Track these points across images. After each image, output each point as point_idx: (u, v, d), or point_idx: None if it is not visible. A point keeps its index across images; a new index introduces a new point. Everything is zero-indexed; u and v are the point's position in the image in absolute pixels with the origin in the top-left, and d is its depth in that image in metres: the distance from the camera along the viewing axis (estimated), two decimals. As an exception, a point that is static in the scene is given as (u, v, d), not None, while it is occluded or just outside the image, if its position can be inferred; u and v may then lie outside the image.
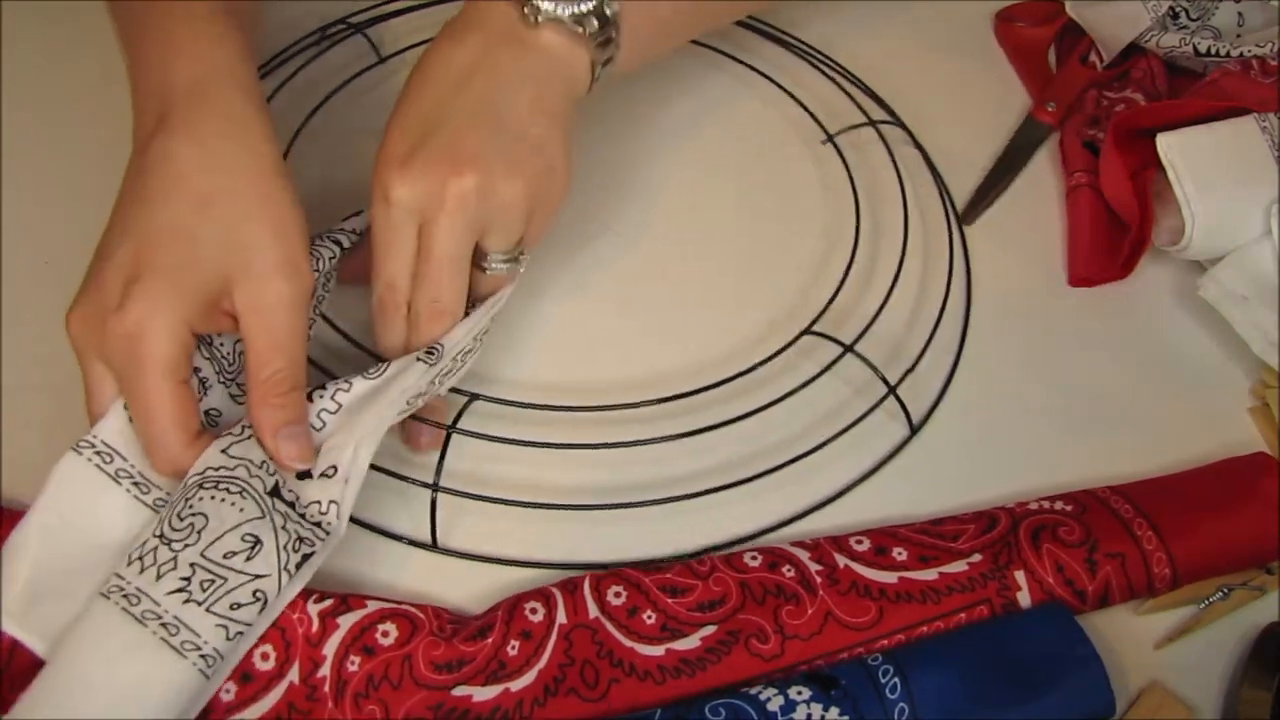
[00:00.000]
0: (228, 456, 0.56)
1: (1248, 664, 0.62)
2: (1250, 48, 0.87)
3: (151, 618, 0.52)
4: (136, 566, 0.53)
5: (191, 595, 0.53)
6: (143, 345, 0.54)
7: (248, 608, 0.54)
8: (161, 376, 0.54)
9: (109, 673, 0.51)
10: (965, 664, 0.58)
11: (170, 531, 0.54)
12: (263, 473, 0.56)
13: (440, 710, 0.56)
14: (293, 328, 0.57)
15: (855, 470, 0.70)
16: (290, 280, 0.57)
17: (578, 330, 0.76)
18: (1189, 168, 0.76)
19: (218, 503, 0.55)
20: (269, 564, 0.55)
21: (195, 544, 0.54)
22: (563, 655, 0.58)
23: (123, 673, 0.51)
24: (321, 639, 0.57)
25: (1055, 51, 0.99)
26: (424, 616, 0.59)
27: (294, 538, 0.56)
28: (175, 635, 0.52)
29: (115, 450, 0.57)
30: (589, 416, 0.69)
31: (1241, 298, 0.75)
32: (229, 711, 0.55)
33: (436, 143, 0.60)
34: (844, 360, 0.71)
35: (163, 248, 0.55)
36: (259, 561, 0.54)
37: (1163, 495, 0.66)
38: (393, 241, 0.61)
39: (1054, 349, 0.78)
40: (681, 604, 0.60)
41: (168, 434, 0.55)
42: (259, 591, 0.54)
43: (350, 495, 0.58)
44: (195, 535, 0.54)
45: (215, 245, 0.56)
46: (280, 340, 0.57)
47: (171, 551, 0.53)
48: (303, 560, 0.56)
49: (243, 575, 0.54)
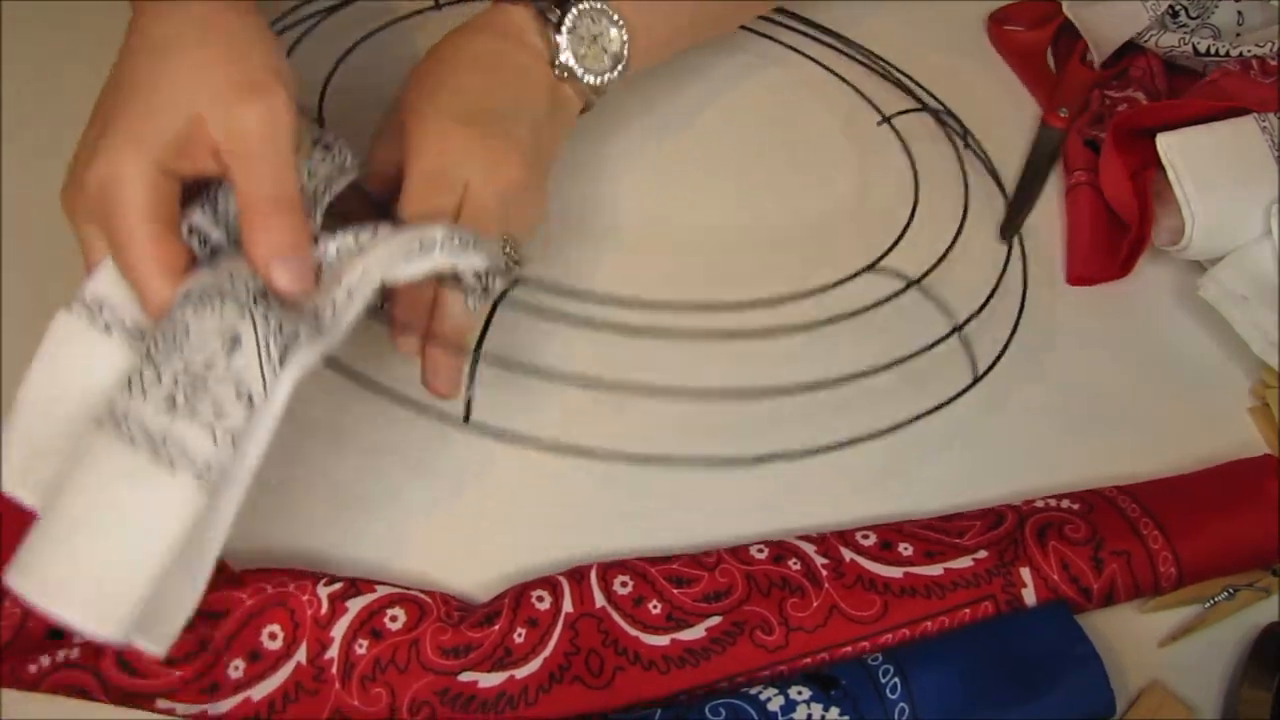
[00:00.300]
0: (212, 271, 0.54)
1: (1248, 664, 0.63)
2: (1250, 47, 0.87)
3: (141, 438, 0.49)
4: (126, 393, 0.50)
5: (176, 407, 0.49)
6: (113, 191, 0.52)
7: (232, 406, 0.50)
8: (138, 219, 0.53)
9: (106, 500, 0.49)
10: (965, 664, 0.58)
11: (154, 351, 0.51)
12: (249, 278, 0.53)
13: (446, 695, 0.56)
14: (266, 148, 0.54)
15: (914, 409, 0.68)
16: (253, 101, 0.54)
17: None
18: (1189, 168, 0.76)
19: (200, 315, 0.51)
20: (249, 357, 0.51)
21: (177, 357, 0.51)
22: (568, 644, 0.58)
23: (120, 498, 0.49)
24: (330, 621, 0.57)
25: (1053, 53, 0.98)
26: (432, 602, 0.59)
27: (275, 328, 0.52)
28: (164, 451, 0.49)
29: (104, 302, 0.54)
30: (641, 319, 0.63)
31: (1241, 298, 0.76)
32: (236, 689, 0.55)
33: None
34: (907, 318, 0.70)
35: (124, 100, 0.54)
36: (238, 357, 0.50)
37: (1169, 495, 0.66)
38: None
39: (1053, 348, 0.78)
40: (687, 594, 0.60)
41: (151, 276, 0.53)
42: (241, 387, 0.50)
43: (353, 307, 0.54)
44: (177, 349, 0.51)
45: (173, 85, 0.54)
46: (254, 163, 0.54)
47: (155, 369, 0.50)
48: (286, 350, 0.52)
49: (223, 375, 0.50)
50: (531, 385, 0.60)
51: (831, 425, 0.64)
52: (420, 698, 0.56)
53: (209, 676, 0.55)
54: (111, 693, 0.55)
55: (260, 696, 0.55)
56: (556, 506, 0.66)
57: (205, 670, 0.55)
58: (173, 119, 0.53)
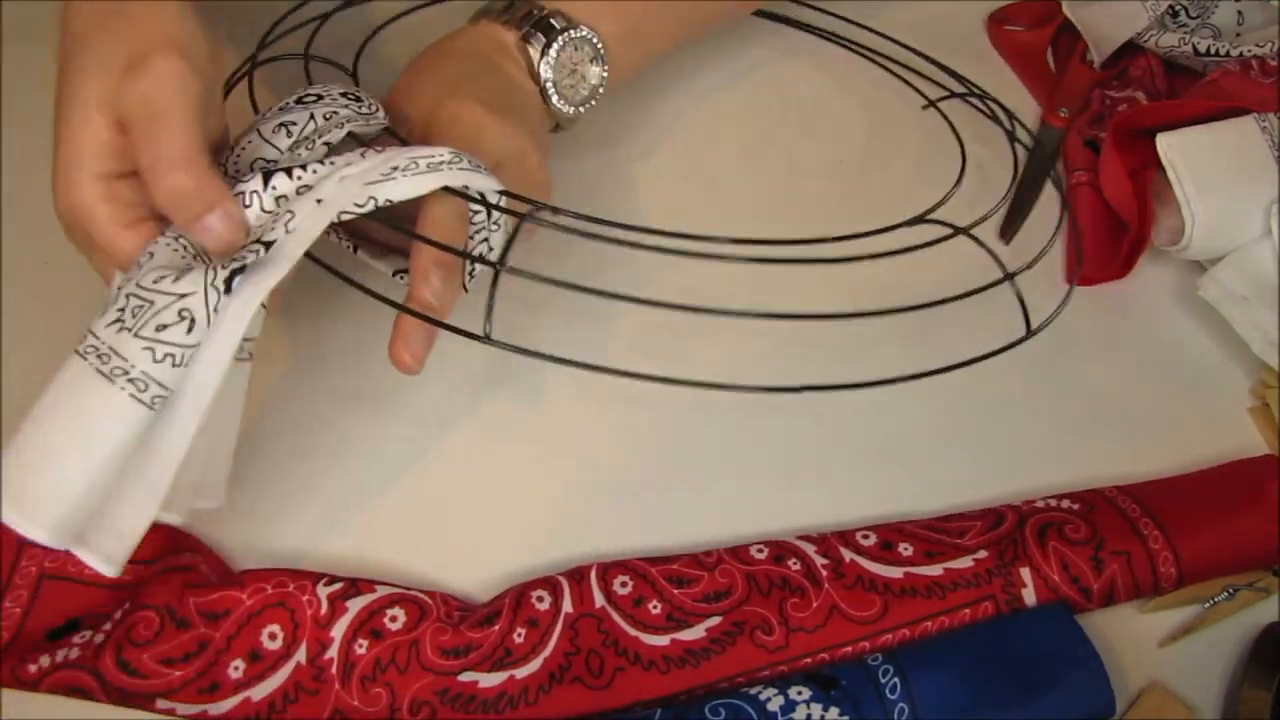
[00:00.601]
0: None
1: (1248, 664, 0.63)
2: (1250, 47, 0.87)
3: (91, 351, 0.51)
4: (97, 316, 0.52)
5: (123, 323, 0.51)
6: (80, 218, 0.55)
7: (173, 328, 0.51)
8: (107, 238, 0.55)
9: (50, 404, 0.51)
10: (965, 664, 0.58)
11: (122, 279, 0.53)
12: None
13: (446, 695, 0.56)
14: (148, 121, 0.53)
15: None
16: (133, 80, 0.53)
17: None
18: (1189, 168, 0.76)
19: (164, 245, 0.54)
20: (195, 282, 0.52)
21: (134, 278, 0.52)
22: (568, 644, 0.59)
23: (61, 404, 0.51)
24: (330, 621, 0.57)
25: (1053, 53, 0.98)
26: (432, 602, 0.59)
27: (225, 258, 0.54)
28: (107, 363, 0.51)
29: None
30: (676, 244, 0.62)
31: (1241, 298, 0.75)
32: (236, 689, 0.56)
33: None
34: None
35: (60, 121, 0.55)
36: (185, 281, 0.52)
37: (1170, 495, 0.66)
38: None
39: (1053, 348, 0.78)
40: (687, 595, 0.60)
41: (107, 237, 0.55)
42: (184, 310, 0.51)
43: (306, 227, 0.54)
44: (138, 270, 0.53)
45: (84, 94, 0.54)
46: (140, 136, 0.54)
47: (117, 290, 0.53)
48: (233, 274, 0.52)
49: (168, 296, 0.51)
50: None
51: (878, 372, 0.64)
52: (420, 698, 0.56)
53: (209, 676, 0.56)
54: (111, 693, 0.55)
55: (260, 696, 0.56)
56: (556, 506, 0.66)
57: (205, 670, 0.56)
58: (96, 130, 0.54)
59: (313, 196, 0.55)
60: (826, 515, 0.67)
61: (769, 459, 0.69)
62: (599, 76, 0.72)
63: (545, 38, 0.69)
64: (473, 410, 0.69)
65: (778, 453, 0.70)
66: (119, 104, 0.53)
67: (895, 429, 0.72)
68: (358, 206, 0.54)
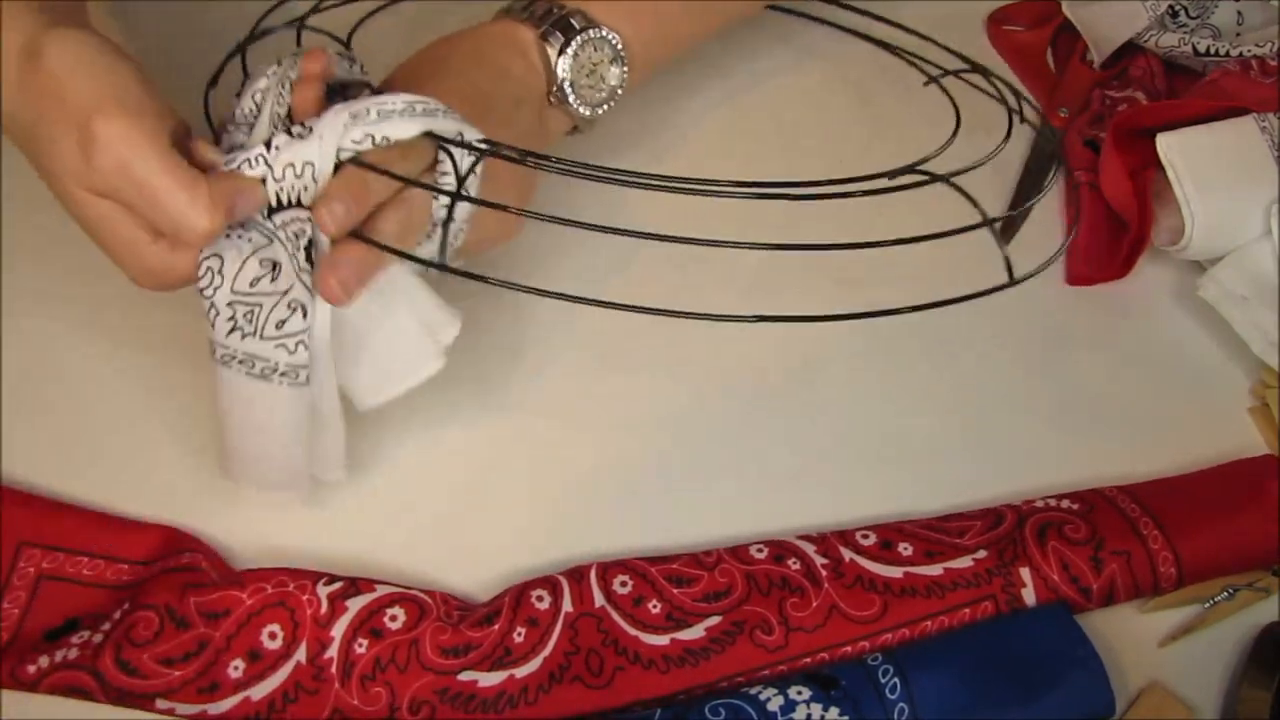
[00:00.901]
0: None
1: (1247, 664, 0.63)
2: (1250, 47, 0.87)
3: (231, 359, 0.55)
4: (208, 325, 0.55)
5: (243, 329, 0.54)
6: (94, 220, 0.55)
7: (291, 319, 0.55)
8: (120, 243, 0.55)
9: (245, 421, 0.57)
10: (965, 664, 0.58)
11: (209, 287, 0.55)
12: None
13: (446, 694, 0.56)
14: (120, 179, 0.52)
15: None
16: (91, 156, 0.52)
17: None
18: (1189, 168, 0.76)
19: (229, 241, 0.55)
20: (288, 277, 0.55)
21: (218, 285, 0.54)
22: (568, 643, 0.59)
23: (252, 418, 0.57)
24: (330, 620, 0.57)
25: (1053, 53, 0.98)
26: (432, 602, 0.59)
27: (293, 237, 0.56)
28: (255, 367, 0.55)
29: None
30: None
31: (1241, 298, 0.75)
32: (236, 689, 0.56)
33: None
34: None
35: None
36: (281, 279, 0.55)
37: (1169, 495, 0.66)
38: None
39: (1053, 348, 0.78)
40: (687, 594, 0.60)
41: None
42: (292, 302, 0.55)
43: (321, 166, 0.55)
44: (218, 279, 0.55)
45: (57, 156, 0.54)
46: (134, 192, 0.53)
47: (208, 300, 0.54)
48: (308, 250, 0.55)
49: (273, 295, 0.55)
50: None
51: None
52: (420, 697, 0.56)
53: (209, 676, 0.56)
54: (110, 693, 0.55)
55: (260, 696, 0.56)
56: (556, 506, 0.66)
57: (205, 670, 0.56)
58: (101, 209, 0.54)
59: (315, 137, 0.55)
60: (826, 515, 0.67)
61: (769, 459, 0.69)
62: (619, 78, 0.71)
63: (564, 36, 0.68)
64: (473, 410, 0.69)
65: (778, 453, 0.70)
66: (99, 186, 0.53)
67: (895, 429, 0.72)
68: (355, 144, 0.54)
